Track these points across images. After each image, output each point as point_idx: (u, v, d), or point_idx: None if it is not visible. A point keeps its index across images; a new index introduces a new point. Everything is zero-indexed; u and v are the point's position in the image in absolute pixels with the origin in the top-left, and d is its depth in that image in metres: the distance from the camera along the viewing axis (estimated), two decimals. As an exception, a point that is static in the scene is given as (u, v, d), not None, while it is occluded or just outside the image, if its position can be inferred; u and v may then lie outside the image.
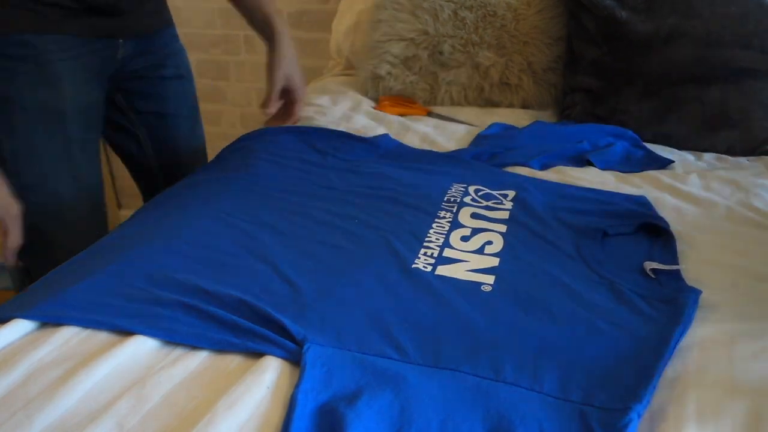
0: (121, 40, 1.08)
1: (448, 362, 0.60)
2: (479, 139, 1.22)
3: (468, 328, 0.65)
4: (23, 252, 0.99)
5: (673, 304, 0.70)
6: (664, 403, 0.57)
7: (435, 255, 0.78)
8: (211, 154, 1.19)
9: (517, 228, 0.84)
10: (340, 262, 0.76)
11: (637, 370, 0.60)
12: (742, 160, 1.17)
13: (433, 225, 0.84)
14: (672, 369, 0.61)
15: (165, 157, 1.26)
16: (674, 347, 0.63)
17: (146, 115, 1.21)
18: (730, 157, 1.18)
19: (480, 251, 0.79)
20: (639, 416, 0.55)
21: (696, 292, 0.72)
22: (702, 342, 0.65)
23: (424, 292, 0.71)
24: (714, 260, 0.81)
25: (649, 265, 0.74)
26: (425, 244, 0.80)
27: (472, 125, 1.31)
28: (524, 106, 1.43)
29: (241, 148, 1.07)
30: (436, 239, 0.81)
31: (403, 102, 1.41)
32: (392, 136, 1.25)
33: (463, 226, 0.84)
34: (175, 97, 1.23)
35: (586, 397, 0.56)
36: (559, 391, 0.57)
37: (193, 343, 0.64)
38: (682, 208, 0.97)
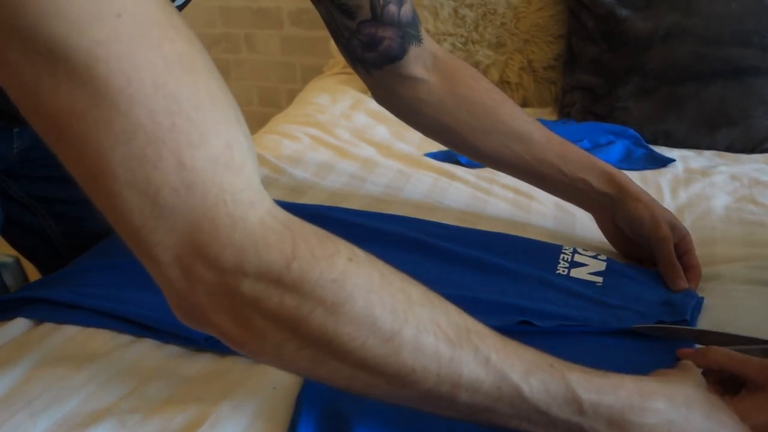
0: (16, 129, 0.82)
1: None
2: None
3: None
4: None
5: (670, 305, 0.70)
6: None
7: None
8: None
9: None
10: None
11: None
12: (743, 156, 1.17)
13: None
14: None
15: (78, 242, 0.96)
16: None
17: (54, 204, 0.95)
18: (730, 154, 1.18)
19: None
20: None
21: (698, 299, 0.71)
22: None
23: None
24: (712, 261, 0.80)
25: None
26: None
27: None
28: (524, 104, 1.43)
29: None
30: None
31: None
32: (392, 134, 1.25)
33: None
34: None
35: None
36: None
37: (198, 347, 0.64)
38: (683, 206, 0.97)
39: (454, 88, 0.82)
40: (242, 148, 0.41)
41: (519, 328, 0.65)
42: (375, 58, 0.79)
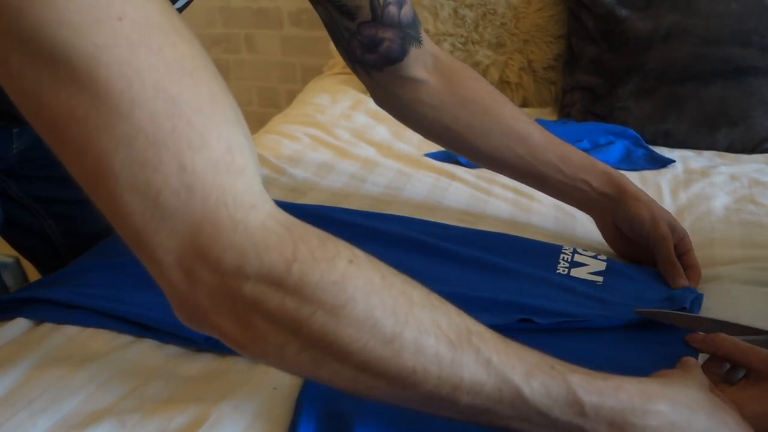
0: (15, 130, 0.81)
1: None
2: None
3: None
4: None
5: (670, 300, 0.70)
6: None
7: None
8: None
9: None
10: None
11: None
12: (743, 156, 1.17)
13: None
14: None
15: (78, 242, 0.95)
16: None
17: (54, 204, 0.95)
18: (730, 154, 1.18)
19: None
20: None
21: (698, 293, 0.72)
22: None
23: None
24: (712, 262, 0.80)
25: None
26: None
27: None
28: (524, 104, 1.43)
29: None
30: None
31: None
32: (392, 134, 1.25)
33: None
34: None
35: None
36: None
37: (199, 347, 0.64)
38: (683, 206, 0.97)
39: (455, 89, 0.82)
40: (243, 151, 0.41)
41: (520, 325, 0.65)
42: (375, 60, 0.79)
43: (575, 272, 0.77)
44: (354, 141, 1.21)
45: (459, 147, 0.86)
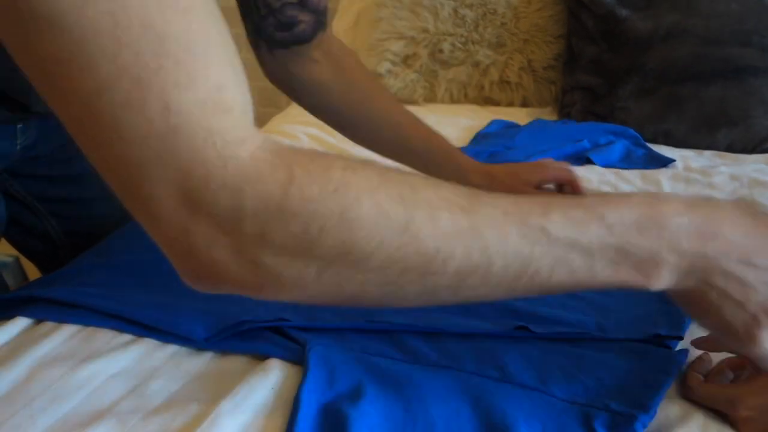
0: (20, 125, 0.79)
1: (452, 361, 0.60)
2: (479, 137, 1.22)
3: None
4: None
5: (668, 314, 0.70)
6: (670, 419, 0.56)
7: None
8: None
9: None
10: None
11: (644, 379, 0.58)
12: (743, 156, 1.17)
13: None
14: (678, 384, 0.59)
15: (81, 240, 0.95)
16: (683, 360, 0.61)
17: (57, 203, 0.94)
18: (730, 154, 1.18)
19: None
20: (644, 426, 0.54)
21: None
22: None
23: None
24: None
25: None
26: None
27: None
28: (524, 104, 1.43)
29: None
30: None
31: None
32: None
33: None
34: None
35: (592, 399, 0.56)
36: (564, 392, 0.57)
37: (198, 346, 0.64)
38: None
39: (344, 72, 0.89)
40: (234, 91, 0.40)
41: (516, 333, 0.65)
42: (284, 38, 0.83)
43: None
44: (354, 141, 1.21)
45: (342, 125, 0.95)
